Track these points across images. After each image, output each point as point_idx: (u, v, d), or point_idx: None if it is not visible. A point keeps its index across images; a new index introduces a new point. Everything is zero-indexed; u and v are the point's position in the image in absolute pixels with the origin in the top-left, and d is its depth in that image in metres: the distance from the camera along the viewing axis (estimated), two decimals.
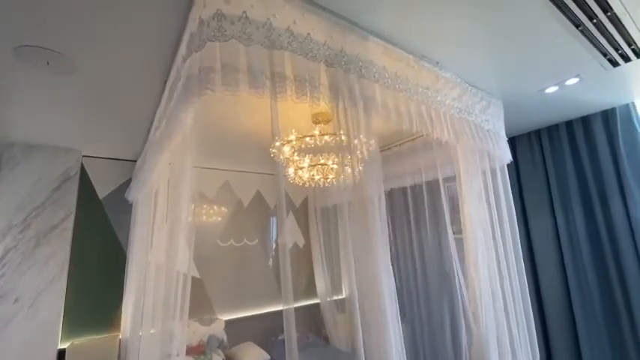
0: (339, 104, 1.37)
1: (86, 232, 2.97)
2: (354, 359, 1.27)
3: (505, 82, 2.23)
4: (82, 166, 3.05)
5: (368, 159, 1.42)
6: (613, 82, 2.29)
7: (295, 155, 2.29)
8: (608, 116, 2.73)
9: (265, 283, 3.94)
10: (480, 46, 1.81)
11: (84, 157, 3.07)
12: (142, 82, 1.88)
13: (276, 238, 4.17)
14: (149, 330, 1.93)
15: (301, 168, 2.33)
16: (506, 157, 2.37)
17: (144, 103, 2.12)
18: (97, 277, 2.97)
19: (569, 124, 2.96)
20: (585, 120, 2.86)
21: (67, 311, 2.74)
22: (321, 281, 4.18)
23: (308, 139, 2.19)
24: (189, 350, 2.88)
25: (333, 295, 4.10)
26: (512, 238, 2.23)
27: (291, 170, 2.38)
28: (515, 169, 3.23)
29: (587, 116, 2.84)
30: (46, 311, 2.56)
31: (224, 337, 3.26)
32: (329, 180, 2.41)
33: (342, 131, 1.41)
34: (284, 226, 1.29)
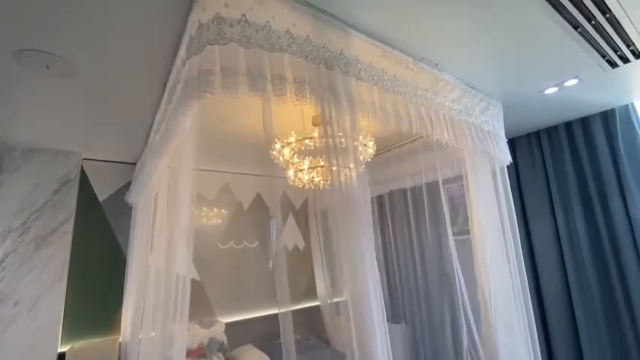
0: (337, 106, 1.36)
1: (86, 235, 2.97)
2: None
3: (504, 83, 2.23)
4: (82, 169, 3.04)
5: (362, 160, 1.42)
6: (612, 83, 2.29)
7: (295, 157, 2.29)
8: (607, 117, 2.73)
9: (265, 285, 3.93)
10: (480, 47, 1.81)
11: (84, 159, 3.06)
12: (141, 84, 1.89)
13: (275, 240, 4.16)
14: (149, 333, 1.92)
15: (301, 170, 2.33)
16: (506, 158, 2.38)
17: (144, 105, 2.13)
18: (96, 280, 2.97)
19: (568, 125, 2.96)
20: (585, 121, 2.86)
21: (67, 314, 2.73)
22: (322, 283, 4.17)
23: (307, 141, 2.19)
24: (189, 353, 2.86)
25: (333, 297, 4.09)
26: (512, 238, 2.23)
27: (291, 172, 2.38)
28: (515, 170, 3.23)
29: (587, 117, 2.84)
30: (46, 314, 2.55)
31: (224, 339, 3.25)
32: (329, 182, 2.41)
33: (331, 133, 1.39)
34: (280, 230, 1.29)
